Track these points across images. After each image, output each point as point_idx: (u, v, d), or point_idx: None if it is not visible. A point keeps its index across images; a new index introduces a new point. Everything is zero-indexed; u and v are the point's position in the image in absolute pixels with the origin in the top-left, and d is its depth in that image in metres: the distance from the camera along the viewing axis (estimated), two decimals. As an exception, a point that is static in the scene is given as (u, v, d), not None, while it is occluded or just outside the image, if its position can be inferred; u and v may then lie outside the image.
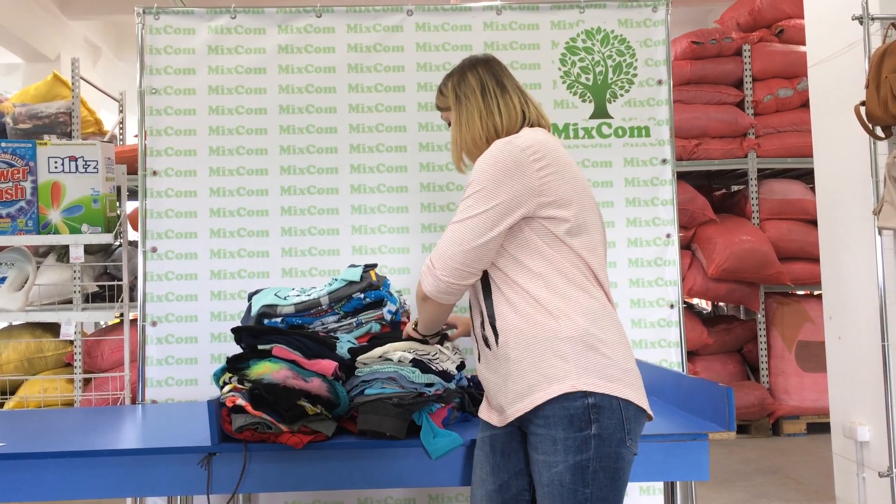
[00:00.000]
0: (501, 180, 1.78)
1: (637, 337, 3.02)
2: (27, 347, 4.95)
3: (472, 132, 1.95)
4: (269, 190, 3.02)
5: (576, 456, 1.71)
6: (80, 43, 9.62)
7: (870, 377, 3.61)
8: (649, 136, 3.09)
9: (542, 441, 1.74)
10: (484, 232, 1.78)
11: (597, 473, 1.71)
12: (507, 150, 1.81)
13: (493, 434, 1.91)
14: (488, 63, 2.02)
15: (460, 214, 1.82)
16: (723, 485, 4.48)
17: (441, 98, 2.06)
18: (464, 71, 2.01)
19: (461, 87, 1.99)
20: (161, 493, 2.10)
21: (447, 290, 1.83)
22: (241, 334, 2.12)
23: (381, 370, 2.10)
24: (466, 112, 1.96)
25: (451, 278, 1.81)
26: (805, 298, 6.01)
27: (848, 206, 3.77)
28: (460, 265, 1.80)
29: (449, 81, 2.03)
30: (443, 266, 1.81)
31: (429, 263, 1.84)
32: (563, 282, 1.79)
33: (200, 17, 3.06)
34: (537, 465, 1.76)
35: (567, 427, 1.71)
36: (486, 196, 1.78)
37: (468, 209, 1.80)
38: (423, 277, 1.85)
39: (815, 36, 4.07)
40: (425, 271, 1.85)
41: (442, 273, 1.81)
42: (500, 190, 1.78)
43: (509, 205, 1.78)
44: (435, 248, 1.85)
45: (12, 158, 3.07)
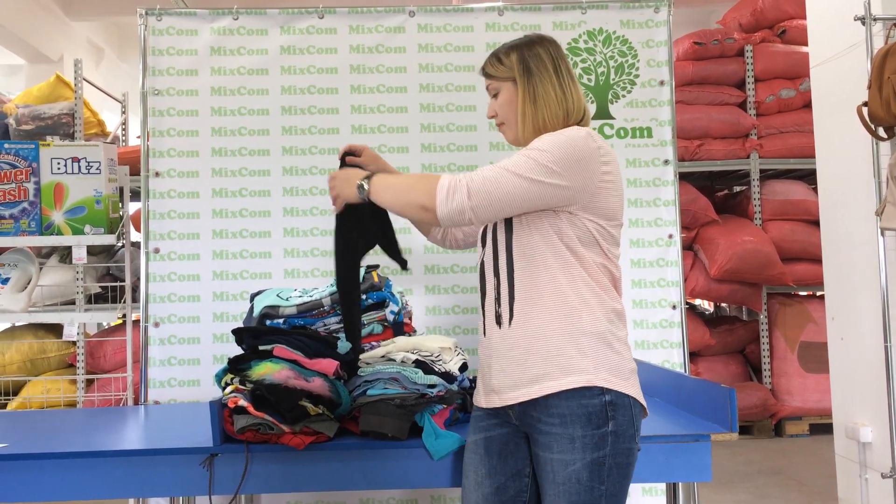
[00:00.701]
0: (571, 166, 1.75)
1: (639, 338, 3.02)
2: (30, 348, 4.96)
3: (550, 109, 1.86)
4: (272, 191, 3.03)
5: (593, 453, 1.71)
6: (83, 44, 9.63)
7: (872, 378, 3.60)
8: (651, 136, 3.09)
9: (557, 440, 1.73)
10: (533, 200, 1.76)
11: (611, 470, 1.72)
12: (585, 141, 1.78)
13: (488, 436, 1.88)
14: (555, 44, 1.93)
15: (521, 169, 1.75)
16: (725, 486, 4.48)
17: (498, 66, 1.92)
18: (532, 44, 1.90)
19: (532, 59, 1.88)
20: (163, 494, 2.11)
21: (461, 222, 1.80)
22: (242, 335, 2.12)
23: (383, 370, 2.10)
24: (542, 87, 1.86)
25: (477, 217, 1.78)
26: (807, 299, 6.00)
27: (850, 206, 3.77)
28: (494, 213, 1.78)
29: (514, 52, 1.90)
30: (478, 203, 1.75)
31: (464, 188, 1.76)
32: (589, 280, 1.79)
33: (203, 19, 3.07)
34: (551, 464, 1.75)
35: (585, 425, 1.72)
36: (553, 171, 1.74)
37: (531, 170, 1.74)
38: (448, 195, 1.77)
39: (817, 36, 4.07)
40: (454, 192, 1.76)
41: (475, 208, 1.76)
42: (566, 173, 1.75)
43: (568, 192, 1.76)
44: (473, 177, 1.77)
45: (15, 160, 3.08)
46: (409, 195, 1.85)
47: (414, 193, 1.84)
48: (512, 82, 1.90)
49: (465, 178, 1.77)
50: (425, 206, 1.81)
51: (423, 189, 1.82)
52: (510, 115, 1.91)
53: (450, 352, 2.25)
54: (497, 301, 1.84)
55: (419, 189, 1.83)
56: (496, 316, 1.83)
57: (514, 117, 1.91)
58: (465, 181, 1.77)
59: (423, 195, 1.81)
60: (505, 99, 1.91)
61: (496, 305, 1.84)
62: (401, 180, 1.94)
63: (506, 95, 1.91)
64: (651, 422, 2.13)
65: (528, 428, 1.81)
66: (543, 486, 1.77)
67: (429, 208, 1.80)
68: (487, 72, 1.95)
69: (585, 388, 1.73)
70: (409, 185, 1.88)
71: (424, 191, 1.81)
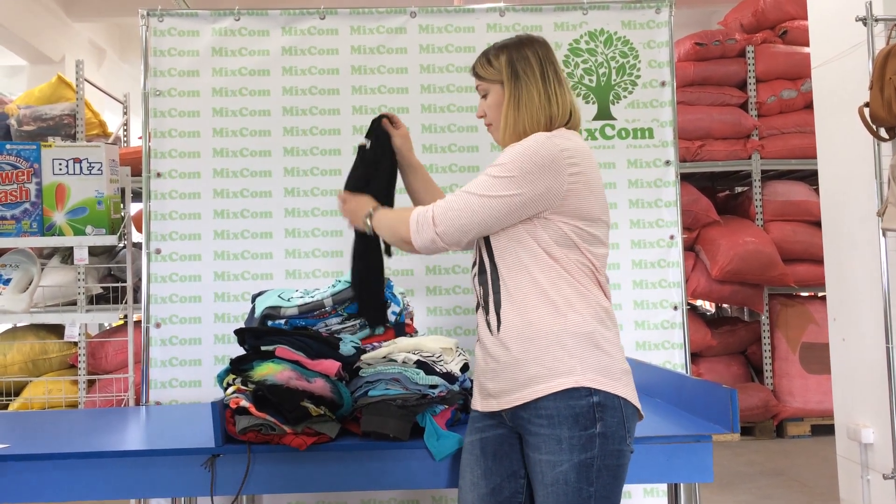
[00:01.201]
0: (533, 173, 1.77)
1: (640, 338, 3.01)
2: (32, 349, 4.96)
3: (531, 115, 1.87)
4: (273, 192, 3.03)
5: (581, 454, 1.71)
6: (85, 45, 9.64)
7: (874, 379, 3.60)
8: (653, 137, 3.09)
9: (545, 441, 1.74)
10: (498, 216, 1.80)
11: (601, 472, 1.72)
12: (546, 146, 1.78)
13: (483, 437, 1.88)
14: (545, 46, 1.92)
15: (481, 189, 1.81)
16: (727, 487, 4.47)
17: (488, 68, 1.92)
18: (522, 46, 1.90)
19: (520, 62, 1.88)
20: (165, 495, 2.11)
21: (436, 249, 1.88)
22: (243, 335, 2.12)
23: (384, 371, 2.10)
24: (526, 92, 1.87)
25: (446, 242, 1.86)
26: (809, 300, 5.99)
27: (852, 207, 3.77)
28: (462, 235, 1.85)
29: (503, 54, 1.90)
30: (445, 230, 1.84)
31: (429, 219, 1.85)
32: (572, 280, 1.79)
33: (204, 20, 3.07)
34: (539, 465, 1.75)
35: (572, 426, 1.71)
36: (513, 183, 1.78)
37: (491, 187, 1.80)
38: (417, 228, 1.87)
39: (818, 37, 4.07)
40: (422, 224, 1.86)
41: (442, 234, 1.84)
42: (529, 183, 1.77)
43: (532, 200, 1.78)
44: (438, 205, 1.86)
45: (17, 160, 3.08)
46: (396, 231, 1.95)
47: (398, 228, 1.94)
48: (500, 85, 1.91)
49: (432, 208, 1.86)
50: (406, 240, 1.91)
51: (402, 224, 1.91)
52: (497, 117, 1.93)
53: (451, 352, 2.25)
54: (485, 309, 1.87)
55: (401, 223, 1.92)
56: (486, 323, 1.86)
57: (500, 120, 1.92)
58: (431, 211, 1.86)
59: (403, 229, 1.91)
60: (493, 101, 1.93)
61: (485, 313, 1.87)
62: (392, 215, 2.03)
63: (494, 97, 1.93)
64: (652, 422, 2.13)
65: (519, 429, 1.82)
66: (536, 488, 1.78)
67: (407, 241, 1.90)
68: (477, 73, 1.97)
69: (573, 388, 1.72)
70: (396, 221, 1.97)
71: (402, 226, 1.91)
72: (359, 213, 2.10)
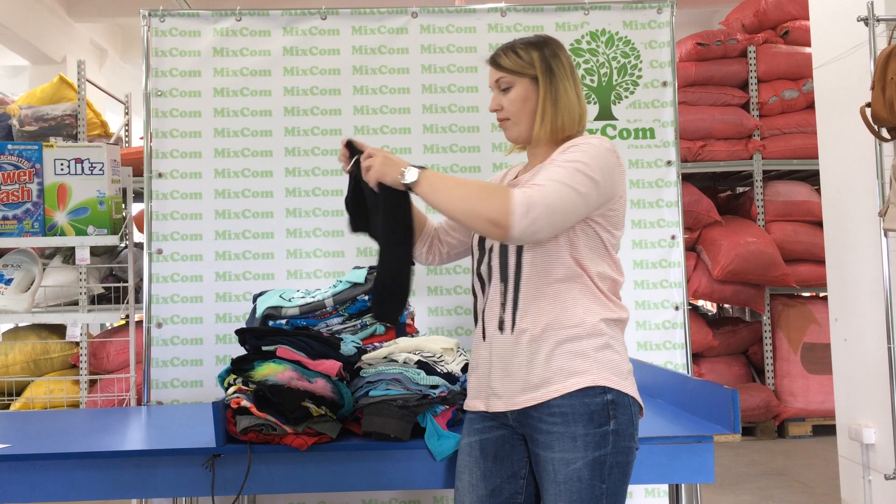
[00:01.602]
0: (606, 177, 1.75)
1: (642, 339, 3.01)
2: (33, 349, 4.96)
3: (569, 113, 1.84)
4: (274, 192, 3.03)
5: (595, 452, 1.71)
6: (86, 45, 9.65)
7: (876, 379, 3.60)
8: (654, 137, 3.09)
9: (558, 439, 1.73)
10: (581, 212, 1.74)
11: (612, 469, 1.72)
12: (612, 150, 1.78)
13: (483, 438, 1.87)
14: (565, 50, 1.91)
15: (576, 182, 1.70)
16: (728, 487, 4.47)
17: (517, 61, 1.86)
18: (550, 44, 1.87)
19: (553, 60, 1.85)
20: (166, 495, 2.11)
21: (531, 239, 1.70)
22: (245, 336, 2.12)
23: (385, 371, 2.10)
24: (563, 89, 1.84)
25: (543, 236, 1.71)
26: (810, 300, 5.99)
27: (853, 207, 3.76)
28: (556, 228, 1.72)
29: (533, 49, 1.86)
30: (551, 221, 1.68)
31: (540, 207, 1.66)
32: (592, 284, 1.80)
33: (206, 20, 3.07)
34: (552, 463, 1.74)
35: (587, 423, 1.72)
36: (595, 183, 1.72)
37: (582, 183, 1.70)
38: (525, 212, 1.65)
39: (820, 37, 4.07)
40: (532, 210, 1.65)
41: (547, 226, 1.68)
42: (604, 185, 1.75)
43: (596, 203, 1.76)
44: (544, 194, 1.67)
45: (18, 160, 3.08)
46: (476, 205, 1.69)
47: (482, 204, 1.68)
48: (530, 80, 1.85)
49: (535, 195, 1.68)
50: (496, 222, 1.66)
51: (494, 202, 1.67)
52: (522, 112, 1.86)
53: (452, 353, 2.25)
54: (503, 306, 1.82)
55: (489, 201, 1.68)
56: (499, 321, 1.82)
57: (526, 115, 1.86)
58: (537, 197, 1.67)
59: (494, 209, 1.66)
60: (518, 95, 1.86)
61: (501, 311, 1.82)
62: (462, 185, 1.76)
63: (520, 92, 1.85)
64: (654, 423, 2.13)
65: (526, 429, 1.80)
66: (544, 486, 1.77)
67: (501, 224, 1.66)
68: (503, 64, 1.87)
69: (588, 387, 1.73)
70: (474, 194, 1.71)
71: (496, 205, 1.66)
72: (397, 162, 1.80)
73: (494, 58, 1.90)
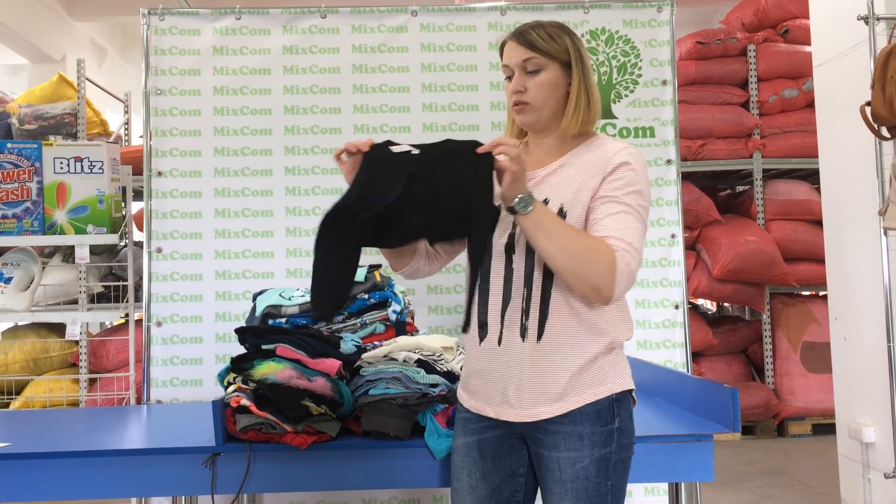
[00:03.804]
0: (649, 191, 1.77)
1: (642, 337, 3.01)
2: (33, 347, 4.96)
3: (597, 106, 1.81)
4: (274, 190, 3.03)
5: (601, 449, 1.71)
6: (86, 44, 9.65)
7: (875, 378, 3.60)
8: (654, 136, 3.09)
9: (565, 438, 1.72)
10: None
11: (616, 465, 1.73)
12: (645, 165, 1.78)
13: (481, 438, 1.84)
14: None
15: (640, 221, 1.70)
16: (728, 486, 4.47)
17: (552, 43, 1.75)
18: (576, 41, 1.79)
19: (583, 49, 1.80)
20: (165, 494, 2.11)
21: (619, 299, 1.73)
22: (244, 334, 2.12)
23: (385, 370, 2.10)
24: (593, 80, 1.80)
25: None
26: (810, 299, 5.99)
27: (853, 206, 3.76)
28: None
29: (564, 34, 1.77)
30: (636, 266, 1.68)
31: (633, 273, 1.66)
32: None
33: (205, 18, 3.07)
34: (557, 462, 1.73)
35: (594, 422, 1.72)
36: (647, 207, 1.74)
37: (643, 215, 1.72)
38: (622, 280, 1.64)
39: (820, 36, 4.06)
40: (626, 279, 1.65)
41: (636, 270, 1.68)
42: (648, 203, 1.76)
43: None
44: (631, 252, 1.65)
45: (18, 159, 3.08)
46: (580, 266, 1.64)
47: (588, 268, 1.63)
48: (562, 65, 1.75)
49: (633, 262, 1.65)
50: (598, 289, 1.64)
51: (600, 269, 1.63)
52: (549, 99, 1.76)
53: (452, 351, 2.25)
54: (525, 313, 1.74)
55: (596, 265, 1.63)
56: (522, 328, 1.75)
57: (553, 103, 1.76)
58: (634, 264, 1.66)
59: (599, 276, 1.63)
60: (547, 79, 1.75)
61: (523, 317, 1.75)
62: (568, 236, 1.66)
63: (550, 76, 1.75)
64: (653, 422, 2.14)
65: (528, 429, 1.78)
66: (547, 486, 1.76)
67: (603, 293, 1.64)
68: (536, 45, 1.74)
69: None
70: (580, 252, 1.64)
71: (603, 272, 1.63)
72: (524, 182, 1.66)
73: (524, 35, 1.76)
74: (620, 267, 1.63)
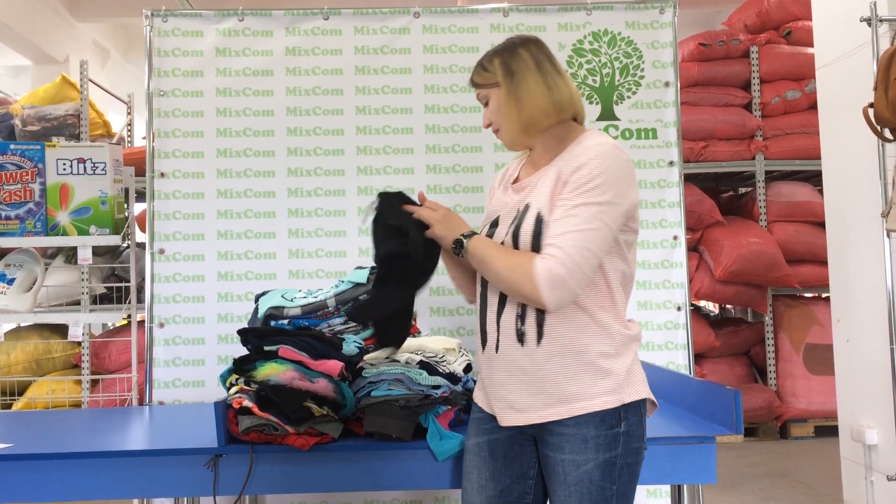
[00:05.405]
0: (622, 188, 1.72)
1: (644, 339, 3.01)
2: (35, 348, 4.97)
3: (534, 103, 1.82)
4: (277, 192, 3.03)
5: (605, 453, 1.71)
6: (89, 45, 9.66)
7: (878, 380, 3.59)
8: (656, 138, 3.08)
9: (570, 441, 1.73)
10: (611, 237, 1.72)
11: (622, 470, 1.72)
12: (622, 156, 1.75)
13: (491, 439, 1.86)
14: (537, 42, 1.92)
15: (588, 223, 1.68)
16: (730, 488, 4.47)
17: (483, 74, 1.90)
18: (514, 47, 1.88)
19: (512, 60, 1.86)
20: (167, 495, 2.11)
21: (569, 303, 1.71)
22: (246, 335, 2.12)
23: (387, 371, 2.10)
24: (524, 85, 1.83)
25: (581, 290, 1.70)
26: (813, 301, 5.99)
27: (856, 208, 3.76)
28: (591, 275, 1.70)
29: (495, 57, 1.89)
30: (580, 280, 1.68)
31: (564, 278, 1.66)
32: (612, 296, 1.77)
33: (208, 20, 3.07)
34: (562, 465, 1.73)
35: (599, 425, 1.72)
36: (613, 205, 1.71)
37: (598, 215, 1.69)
38: (552, 288, 1.67)
39: (823, 38, 4.06)
40: (558, 285, 1.66)
41: (578, 287, 1.68)
42: (622, 197, 1.72)
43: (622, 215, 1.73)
44: (563, 258, 1.67)
45: (21, 160, 3.09)
46: (508, 284, 1.74)
47: (514, 285, 1.73)
48: (497, 87, 1.88)
49: (555, 267, 1.67)
50: (531, 300, 1.71)
51: (522, 281, 1.70)
52: (501, 119, 1.89)
53: (454, 353, 2.25)
54: (521, 318, 1.77)
55: (518, 281, 1.71)
56: (519, 333, 1.77)
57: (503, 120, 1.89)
58: (557, 268, 1.67)
59: (524, 288, 1.70)
60: (494, 104, 1.89)
61: (518, 322, 1.77)
62: (495, 258, 1.78)
63: (494, 101, 1.89)
64: (656, 423, 2.13)
65: (537, 430, 1.80)
66: (553, 488, 1.77)
67: (536, 302, 1.70)
68: (475, 81, 1.93)
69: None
70: (503, 273, 1.75)
71: (524, 284, 1.70)
72: (455, 228, 1.87)
73: (471, 77, 1.95)
74: (540, 273, 1.68)
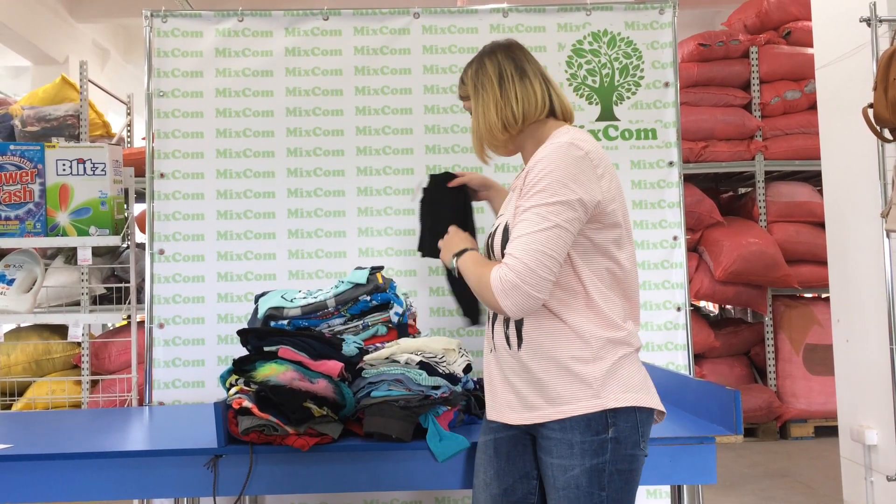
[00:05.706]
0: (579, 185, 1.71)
1: (644, 340, 3.00)
2: (35, 349, 4.97)
3: (489, 121, 1.89)
4: (276, 192, 3.03)
5: (592, 459, 1.70)
6: (89, 46, 9.67)
7: (878, 380, 3.59)
8: (656, 138, 3.08)
9: (557, 445, 1.73)
10: (570, 237, 1.72)
11: (612, 476, 1.71)
12: (574, 152, 1.73)
13: (497, 437, 1.88)
14: (509, 48, 1.94)
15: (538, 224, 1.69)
16: (730, 488, 4.47)
17: (462, 87, 2.02)
18: (482, 59, 1.95)
19: (478, 76, 1.93)
20: (167, 495, 2.11)
21: (533, 308, 1.71)
22: (246, 336, 2.13)
23: (387, 372, 2.10)
24: (483, 101, 1.91)
25: (541, 293, 1.69)
26: (813, 301, 5.99)
27: (855, 208, 3.76)
28: (551, 276, 1.70)
29: (468, 70, 1.98)
30: (535, 283, 1.68)
31: (514, 281, 1.68)
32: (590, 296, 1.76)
33: (208, 20, 3.08)
34: (551, 469, 1.74)
35: (584, 430, 1.71)
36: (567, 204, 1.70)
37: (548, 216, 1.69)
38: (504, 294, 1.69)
39: (822, 38, 4.06)
40: (509, 290, 1.68)
41: (534, 290, 1.68)
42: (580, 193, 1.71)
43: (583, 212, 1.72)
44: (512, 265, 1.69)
45: (20, 161, 3.09)
46: (481, 295, 1.79)
47: (482, 293, 1.78)
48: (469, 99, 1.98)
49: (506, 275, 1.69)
50: (497, 310, 1.75)
51: (485, 294, 1.75)
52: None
53: (454, 353, 2.25)
54: (506, 323, 1.82)
55: (484, 288, 1.76)
56: (506, 336, 1.82)
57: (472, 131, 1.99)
58: (508, 276, 1.69)
59: (488, 301, 1.76)
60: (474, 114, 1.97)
61: (504, 326, 1.82)
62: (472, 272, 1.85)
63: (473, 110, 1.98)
64: (656, 424, 2.13)
65: (532, 431, 1.82)
66: (547, 490, 1.78)
67: (500, 311, 1.74)
68: (459, 94, 2.04)
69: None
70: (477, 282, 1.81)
71: (487, 297, 1.75)
72: (451, 248, 1.98)
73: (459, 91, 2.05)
74: (494, 282, 1.72)
